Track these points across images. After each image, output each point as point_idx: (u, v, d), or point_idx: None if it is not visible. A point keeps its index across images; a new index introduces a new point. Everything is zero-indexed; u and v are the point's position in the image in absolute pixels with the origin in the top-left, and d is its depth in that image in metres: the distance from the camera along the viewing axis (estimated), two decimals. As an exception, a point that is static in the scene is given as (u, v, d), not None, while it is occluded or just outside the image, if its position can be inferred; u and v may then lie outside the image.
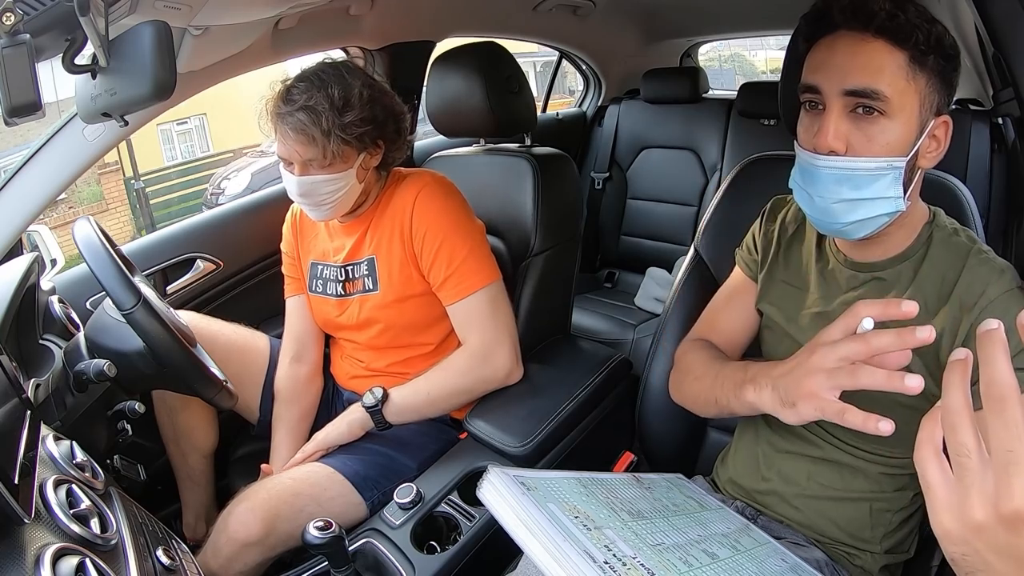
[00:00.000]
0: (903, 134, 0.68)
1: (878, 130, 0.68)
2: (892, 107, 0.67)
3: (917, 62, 0.67)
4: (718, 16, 2.37)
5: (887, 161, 0.68)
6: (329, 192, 1.11)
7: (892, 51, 0.66)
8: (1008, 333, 0.66)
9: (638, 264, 2.43)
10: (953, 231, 0.77)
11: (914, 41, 0.66)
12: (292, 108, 1.05)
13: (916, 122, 0.69)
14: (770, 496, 0.89)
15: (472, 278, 1.14)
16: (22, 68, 0.63)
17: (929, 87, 0.68)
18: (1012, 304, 0.69)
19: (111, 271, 0.93)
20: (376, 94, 1.12)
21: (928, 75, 0.68)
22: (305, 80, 1.08)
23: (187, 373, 0.98)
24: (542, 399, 1.16)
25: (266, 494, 1.02)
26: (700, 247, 1.10)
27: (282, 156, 1.12)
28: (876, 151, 0.68)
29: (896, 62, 0.66)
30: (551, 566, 0.54)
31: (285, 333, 1.32)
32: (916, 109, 0.68)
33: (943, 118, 0.71)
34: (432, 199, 1.16)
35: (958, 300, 0.71)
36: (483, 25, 1.89)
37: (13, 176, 1.15)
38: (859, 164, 0.68)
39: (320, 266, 1.26)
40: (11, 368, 0.68)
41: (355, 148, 1.10)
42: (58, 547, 0.53)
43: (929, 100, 0.69)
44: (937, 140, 0.72)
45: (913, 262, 0.76)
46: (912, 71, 0.67)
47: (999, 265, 0.72)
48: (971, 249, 0.74)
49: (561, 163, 1.39)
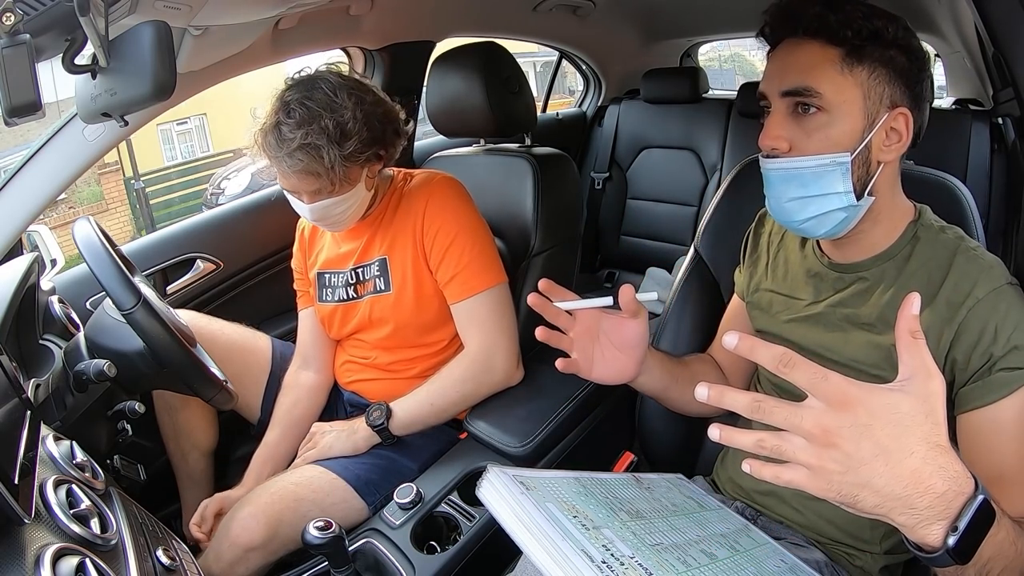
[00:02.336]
0: (846, 129, 0.69)
1: (816, 126, 0.70)
2: (828, 102, 0.69)
3: (854, 55, 0.68)
4: (718, 16, 2.37)
5: (830, 158, 0.69)
6: (343, 211, 1.11)
7: (824, 48, 0.69)
8: (996, 331, 0.66)
9: (638, 264, 2.43)
10: (940, 228, 0.76)
11: (846, 36, 0.67)
12: (289, 149, 1.01)
13: (861, 116, 0.69)
14: (770, 497, 0.89)
15: (478, 278, 1.15)
16: (22, 68, 0.63)
17: (874, 79, 0.69)
18: (1000, 302, 0.68)
19: (111, 271, 0.93)
20: (368, 108, 1.07)
21: (871, 67, 0.68)
22: (294, 116, 1.01)
23: (187, 373, 0.98)
24: (542, 399, 1.16)
25: (268, 499, 1.02)
26: (700, 247, 1.10)
27: (287, 189, 1.11)
28: (817, 147, 0.70)
29: (828, 58, 0.68)
30: (549, 565, 0.54)
31: (297, 344, 1.33)
32: (859, 103, 0.69)
33: (900, 110, 0.70)
34: (446, 198, 1.17)
35: (944, 300, 0.71)
36: (483, 25, 1.89)
37: (13, 176, 1.15)
38: (800, 163, 0.71)
39: (327, 275, 1.26)
40: (11, 368, 0.68)
41: (360, 166, 1.09)
42: (58, 547, 0.53)
43: (876, 92, 0.69)
44: (897, 133, 0.71)
45: (897, 261, 0.75)
46: (848, 65, 0.68)
47: (988, 261, 0.72)
48: (958, 247, 0.73)
49: (561, 163, 1.39)
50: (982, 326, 0.68)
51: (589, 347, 0.77)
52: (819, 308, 0.81)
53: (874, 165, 0.71)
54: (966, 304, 0.69)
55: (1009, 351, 0.67)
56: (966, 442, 0.69)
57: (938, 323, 0.70)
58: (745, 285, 0.94)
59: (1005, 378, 0.66)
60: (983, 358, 0.68)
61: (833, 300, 0.80)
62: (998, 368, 0.67)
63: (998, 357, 0.67)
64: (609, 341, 0.77)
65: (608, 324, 0.77)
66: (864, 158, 0.70)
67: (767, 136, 0.72)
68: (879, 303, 0.75)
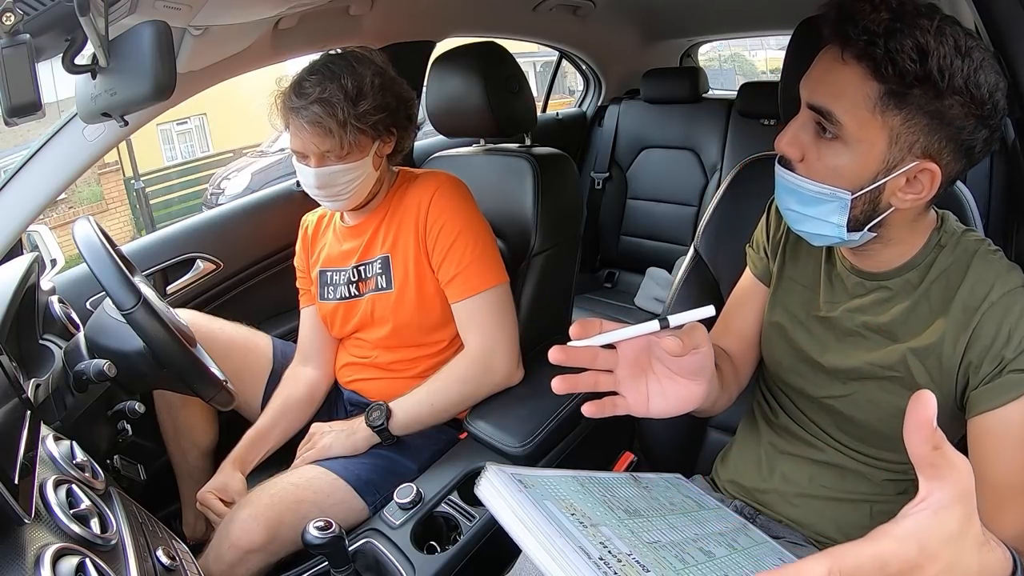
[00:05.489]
0: (857, 166, 0.64)
1: (829, 152, 0.66)
2: (848, 135, 0.64)
3: (894, 98, 0.61)
4: (718, 16, 2.37)
5: (831, 190, 0.66)
6: (347, 182, 1.12)
7: (865, 79, 0.61)
8: (1009, 334, 0.65)
9: (638, 264, 2.43)
10: (961, 233, 0.74)
11: (891, 75, 0.60)
12: (306, 101, 1.05)
13: (879, 159, 0.64)
14: (770, 495, 0.88)
15: (480, 278, 1.15)
16: (22, 68, 0.63)
17: (909, 126, 0.62)
18: (1014, 304, 0.67)
19: (111, 271, 0.93)
20: (386, 82, 1.13)
21: (908, 114, 0.61)
22: (316, 73, 1.08)
23: (187, 373, 0.98)
24: (542, 399, 1.16)
25: (268, 500, 1.02)
26: (700, 247, 1.10)
27: (297, 150, 1.12)
28: (823, 174, 0.66)
29: (863, 92, 0.62)
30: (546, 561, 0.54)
31: (298, 342, 1.34)
32: (880, 145, 0.63)
33: (928, 165, 0.63)
34: (450, 197, 1.17)
35: (961, 303, 0.69)
36: (483, 25, 1.89)
37: (13, 176, 1.15)
38: (802, 183, 0.68)
39: (329, 272, 1.26)
40: (11, 368, 0.68)
41: (370, 137, 1.11)
42: (58, 547, 0.53)
43: (906, 140, 0.62)
44: (920, 184, 0.65)
45: (920, 270, 0.73)
46: (884, 105, 0.61)
47: (1005, 265, 0.70)
48: (977, 251, 0.71)
49: (561, 163, 1.39)
50: (996, 329, 0.67)
51: (642, 380, 0.65)
52: (836, 312, 0.79)
53: (883, 205, 0.67)
54: (981, 308, 0.68)
55: (1021, 353, 0.65)
56: (975, 446, 0.68)
57: (954, 329, 0.69)
58: (765, 267, 0.88)
59: (1016, 380, 0.65)
60: (995, 360, 0.66)
61: (851, 306, 0.77)
62: (1009, 370, 0.66)
63: (1009, 359, 0.66)
64: (667, 369, 0.65)
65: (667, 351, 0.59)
66: (872, 197, 0.66)
67: (782, 140, 0.68)
68: (900, 312, 0.74)
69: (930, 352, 0.71)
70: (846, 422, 0.80)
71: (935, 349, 0.70)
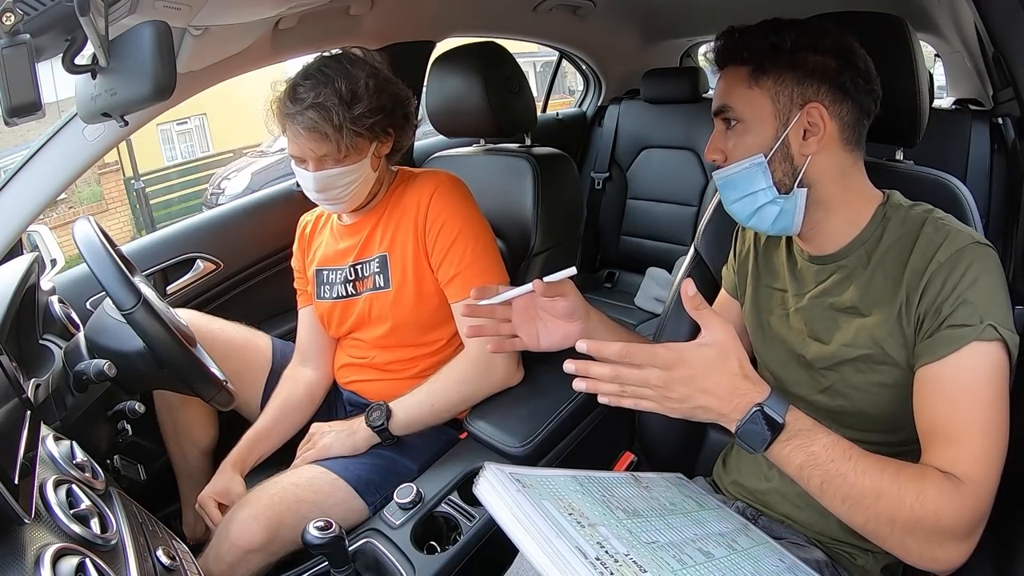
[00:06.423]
0: (760, 134, 0.77)
1: (737, 136, 0.79)
2: (743, 114, 0.78)
3: (759, 70, 0.76)
4: (718, 16, 2.37)
5: (748, 161, 0.78)
6: (346, 184, 1.12)
7: (736, 69, 0.78)
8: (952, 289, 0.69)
9: (638, 264, 2.42)
10: (909, 206, 0.78)
11: (747, 55, 0.77)
12: (301, 107, 1.05)
13: (773, 120, 0.77)
14: (772, 495, 0.89)
15: (480, 277, 1.14)
16: (22, 68, 0.63)
17: (780, 84, 0.76)
18: (960, 260, 0.69)
19: (111, 271, 0.93)
20: (381, 83, 1.12)
21: (776, 75, 0.76)
22: (310, 77, 1.08)
23: (187, 373, 0.98)
24: (542, 399, 1.16)
25: (268, 500, 1.02)
26: (700, 247, 1.10)
27: (294, 155, 1.12)
28: (740, 154, 0.79)
29: (738, 77, 0.78)
30: (543, 561, 0.55)
31: (296, 342, 1.33)
32: (768, 109, 0.76)
33: (811, 105, 0.75)
34: (450, 196, 1.17)
35: (912, 268, 0.73)
36: (483, 25, 1.89)
37: (13, 176, 1.15)
38: (730, 170, 0.80)
39: (326, 271, 1.26)
40: (11, 368, 0.68)
41: (367, 138, 1.11)
42: (58, 547, 0.53)
43: (784, 96, 0.76)
44: (815, 126, 0.76)
45: (870, 244, 0.78)
46: (754, 79, 0.77)
47: (955, 227, 0.73)
48: (927, 219, 0.75)
49: (561, 163, 1.39)
50: (940, 286, 0.70)
51: (532, 325, 0.86)
52: (803, 301, 0.84)
53: (798, 159, 0.77)
54: (929, 268, 0.71)
55: (957, 307, 0.68)
56: (915, 395, 0.72)
57: (908, 293, 0.72)
58: (734, 284, 0.97)
59: (950, 335, 0.68)
60: (935, 315, 0.70)
61: (816, 292, 0.83)
62: (946, 325, 0.69)
63: (947, 314, 0.69)
64: (549, 315, 0.86)
65: (543, 301, 0.85)
66: (784, 155, 0.77)
67: (707, 151, 0.83)
68: (858, 287, 0.78)
69: (893, 320, 0.74)
70: (838, 415, 0.81)
71: (897, 316, 0.74)
